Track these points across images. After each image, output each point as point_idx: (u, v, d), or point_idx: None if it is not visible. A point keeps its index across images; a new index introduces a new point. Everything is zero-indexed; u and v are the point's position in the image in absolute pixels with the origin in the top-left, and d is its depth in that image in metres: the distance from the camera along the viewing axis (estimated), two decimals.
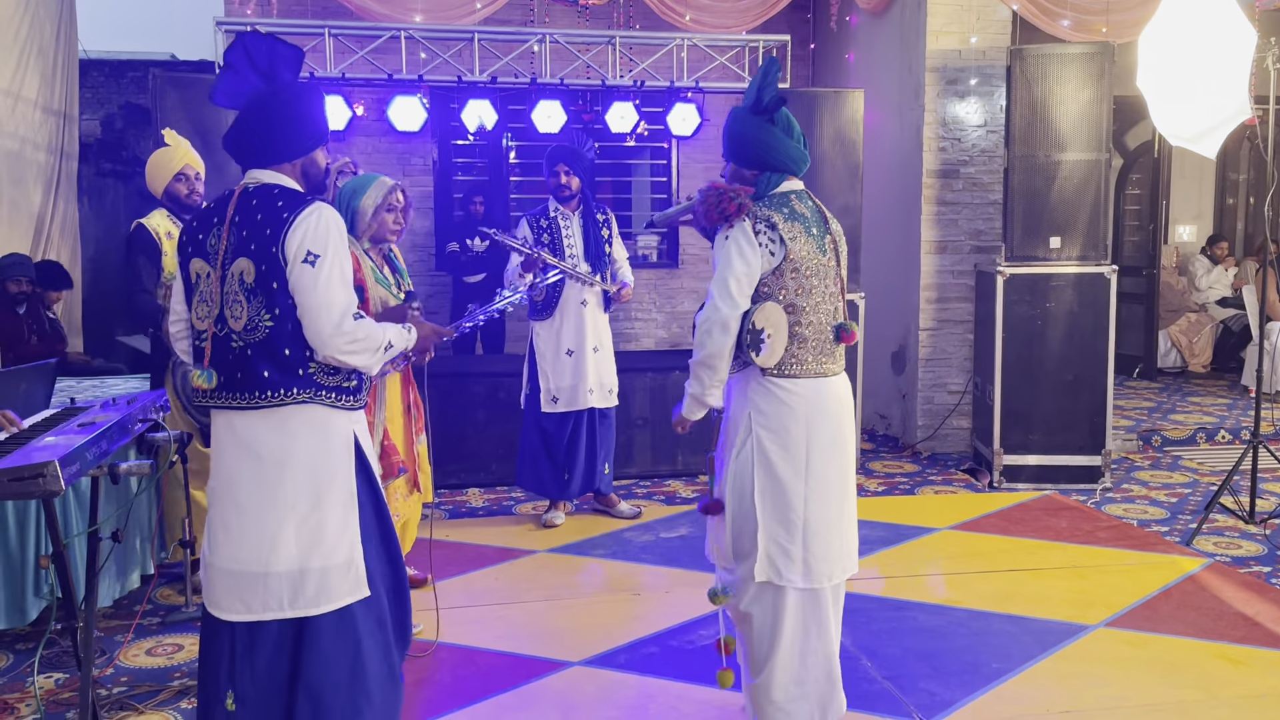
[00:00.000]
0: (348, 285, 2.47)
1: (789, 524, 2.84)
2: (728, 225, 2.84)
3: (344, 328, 2.43)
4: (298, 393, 2.47)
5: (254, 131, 2.55)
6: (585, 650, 3.79)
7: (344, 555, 2.52)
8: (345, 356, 2.46)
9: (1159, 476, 6.41)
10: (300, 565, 2.49)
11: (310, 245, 2.42)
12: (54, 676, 3.55)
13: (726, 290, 2.80)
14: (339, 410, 2.54)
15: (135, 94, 10.61)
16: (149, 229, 4.19)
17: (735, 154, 2.98)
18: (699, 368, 2.87)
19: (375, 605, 2.59)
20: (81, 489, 3.66)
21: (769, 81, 2.91)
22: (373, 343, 2.50)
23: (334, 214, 2.50)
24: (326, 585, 2.50)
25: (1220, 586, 4.43)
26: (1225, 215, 10.83)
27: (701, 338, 2.83)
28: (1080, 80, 5.96)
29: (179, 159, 4.31)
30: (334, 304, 2.42)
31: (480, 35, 6.32)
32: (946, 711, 3.31)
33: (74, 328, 7.62)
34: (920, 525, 5.32)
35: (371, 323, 2.53)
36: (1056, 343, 6.08)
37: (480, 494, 6.02)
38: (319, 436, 2.51)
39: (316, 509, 2.50)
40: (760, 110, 2.92)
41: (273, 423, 2.50)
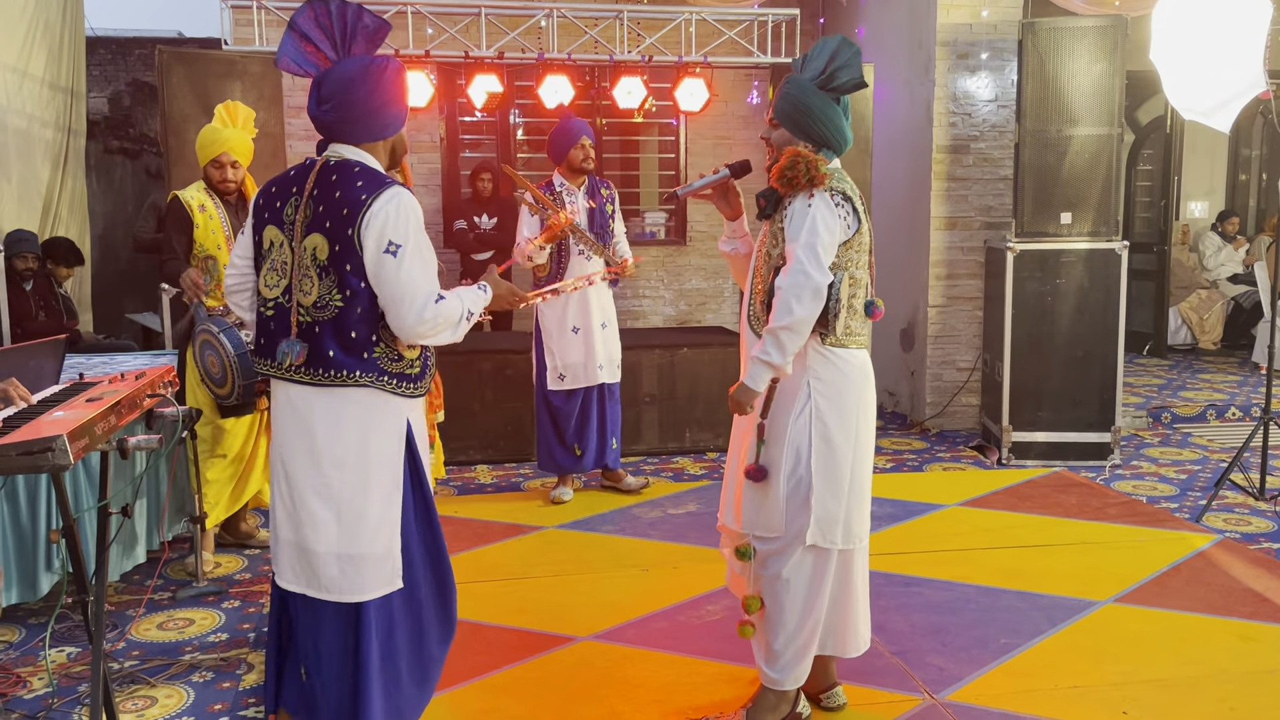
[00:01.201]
0: (429, 271, 2.47)
1: (839, 489, 2.90)
2: (808, 194, 2.83)
3: (426, 315, 2.44)
4: (360, 375, 2.47)
5: (349, 106, 2.48)
6: (593, 625, 3.80)
7: (382, 545, 2.52)
8: (429, 339, 2.50)
9: (1169, 453, 6.39)
10: (340, 549, 2.50)
11: (391, 235, 2.42)
12: (66, 650, 3.58)
13: (817, 257, 2.79)
14: (397, 397, 2.52)
15: (142, 71, 10.61)
16: (183, 202, 4.19)
17: (798, 126, 2.93)
18: (786, 334, 2.80)
19: (413, 596, 2.59)
20: (91, 464, 3.68)
21: (845, 63, 2.88)
22: (453, 318, 2.50)
23: (411, 199, 2.48)
24: (362, 574, 2.51)
25: (1230, 563, 4.42)
26: (1237, 191, 10.75)
27: (789, 303, 2.77)
28: (1092, 54, 5.90)
29: (220, 143, 4.20)
30: (417, 294, 2.43)
31: (487, 10, 6.29)
32: (954, 686, 3.31)
33: (84, 304, 7.64)
34: (929, 502, 5.32)
35: (451, 299, 2.51)
36: (1066, 319, 6.05)
37: (489, 470, 6.03)
38: (374, 421, 2.50)
39: (360, 494, 2.50)
40: (830, 88, 2.90)
41: (331, 402, 2.50)
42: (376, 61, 2.49)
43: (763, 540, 2.96)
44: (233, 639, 3.70)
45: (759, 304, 2.96)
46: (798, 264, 2.79)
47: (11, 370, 3.00)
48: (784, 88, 2.96)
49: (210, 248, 4.18)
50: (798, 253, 2.80)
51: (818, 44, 2.96)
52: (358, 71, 2.47)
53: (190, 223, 4.15)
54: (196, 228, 4.16)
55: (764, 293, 2.94)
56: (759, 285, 2.98)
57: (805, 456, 2.89)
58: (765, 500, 2.94)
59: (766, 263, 2.95)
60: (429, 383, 2.63)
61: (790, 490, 2.90)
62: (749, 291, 3.04)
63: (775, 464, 2.92)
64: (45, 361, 3.70)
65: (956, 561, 4.45)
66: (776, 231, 2.91)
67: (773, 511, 2.93)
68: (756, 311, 2.98)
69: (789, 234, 2.84)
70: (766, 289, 2.92)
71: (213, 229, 4.18)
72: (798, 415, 2.90)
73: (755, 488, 2.94)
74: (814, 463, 2.88)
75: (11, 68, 6.72)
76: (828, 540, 2.92)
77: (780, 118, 2.96)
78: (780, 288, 2.80)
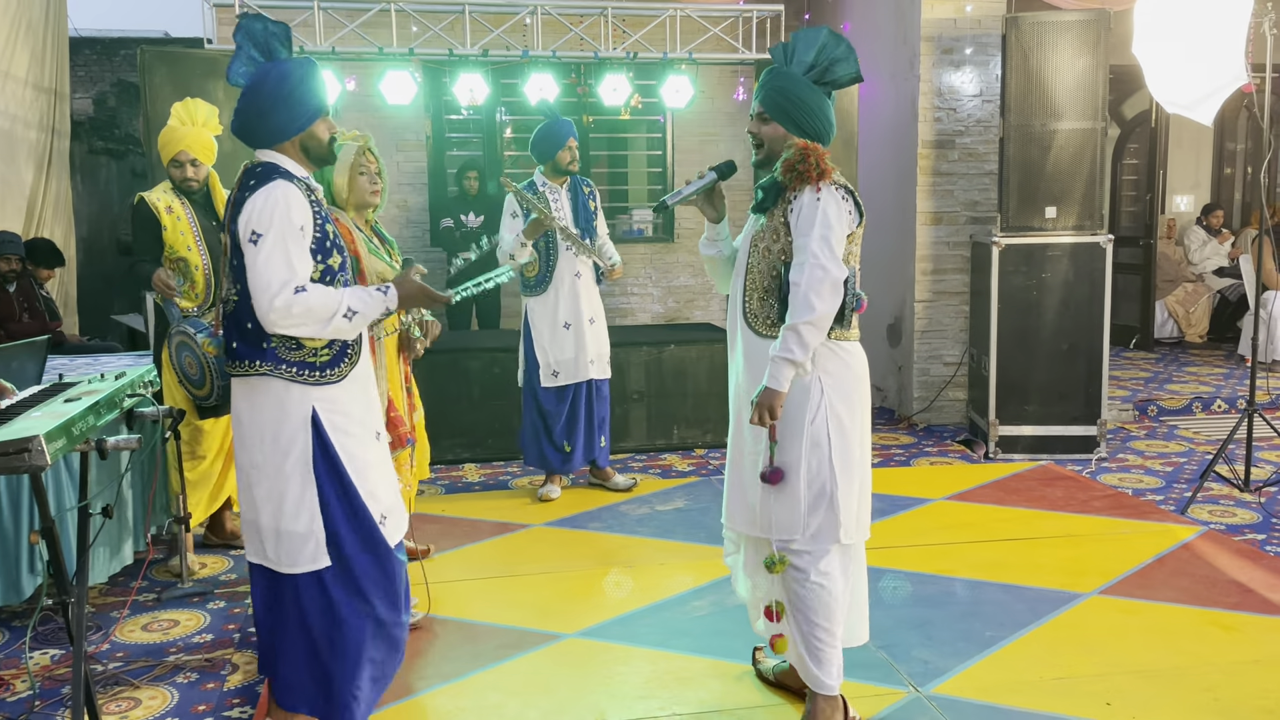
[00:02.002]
0: (292, 261, 2.51)
1: (854, 483, 2.90)
2: (816, 188, 2.78)
3: (277, 303, 2.48)
4: (260, 364, 2.59)
5: (246, 113, 2.64)
6: (579, 622, 3.80)
7: (304, 524, 2.64)
8: (288, 329, 2.53)
9: (1155, 446, 6.42)
10: (273, 524, 2.66)
11: (254, 225, 2.52)
12: (50, 652, 3.56)
13: (832, 250, 2.75)
14: (300, 384, 2.61)
15: (128, 71, 10.56)
16: (149, 203, 4.17)
17: (791, 119, 2.88)
18: (809, 329, 2.75)
19: (347, 573, 2.69)
20: (75, 464, 3.66)
21: (841, 57, 2.86)
22: (322, 312, 2.53)
23: (286, 191, 2.54)
24: (290, 549, 2.66)
25: (1214, 554, 4.44)
26: (1223, 185, 10.79)
27: (809, 299, 2.73)
28: (1076, 48, 5.91)
29: (176, 142, 4.20)
30: (271, 281, 2.49)
31: (471, 8, 6.27)
32: (939, 679, 3.32)
33: (69, 306, 7.61)
34: (916, 496, 5.33)
35: (319, 292, 2.54)
36: (1052, 313, 6.07)
37: (477, 469, 6.02)
38: (277, 408, 2.61)
39: (277, 476, 2.63)
40: (824, 81, 2.87)
41: (245, 389, 2.66)
42: (260, 69, 2.61)
43: (785, 544, 2.90)
44: (218, 639, 3.69)
45: (756, 301, 2.91)
46: (814, 259, 2.74)
47: None
48: (773, 81, 2.90)
49: (180, 249, 4.15)
50: (811, 247, 2.75)
51: (801, 35, 2.90)
52: (248, 82, 2.62)
53: (157, 224, 4.13)
54: (164, 229, 4.13)
55: (763, 290, 2.89)
56: (757, 282, 2.91)
57: (826, 454, 2.85)
58: (786, 502, 2.88)
59: (765, 259, 2.88)
60: (349, 371, 2.67)
61: (815, 491, 2.86)
62: (742, 290, 2.96)
63: (793, 465, 2.86)
64: (27, 363, 3.70)
65: (942, 555, 4.46)
66: (777, 227, 2.86)
67: (795, 513, 2.87)
68: (754, 309, 2.92)
69: (798, 228, 2.79)
70: (766, 286, 2.88)
71: (181, 230, 4.16)
72: (814, 413, 2.85)
73: (773, 490, 2.88)
74: (835, 460, 2.85)
75: None
76: (849, 537, 2.91)
77: (772, 111, 2.90)
78: (797, 283, 2.74)
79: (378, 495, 2.73)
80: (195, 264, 4.17)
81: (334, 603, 2.69)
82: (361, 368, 2.74)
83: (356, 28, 6.13)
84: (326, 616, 2.70)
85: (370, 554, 2.72)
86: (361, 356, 2.73)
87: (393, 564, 2.76)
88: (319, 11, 5.99)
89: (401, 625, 2.83)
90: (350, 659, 2.71)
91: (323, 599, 2.68)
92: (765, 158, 2.95)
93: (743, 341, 2.96)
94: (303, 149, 2.67)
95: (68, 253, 7.59)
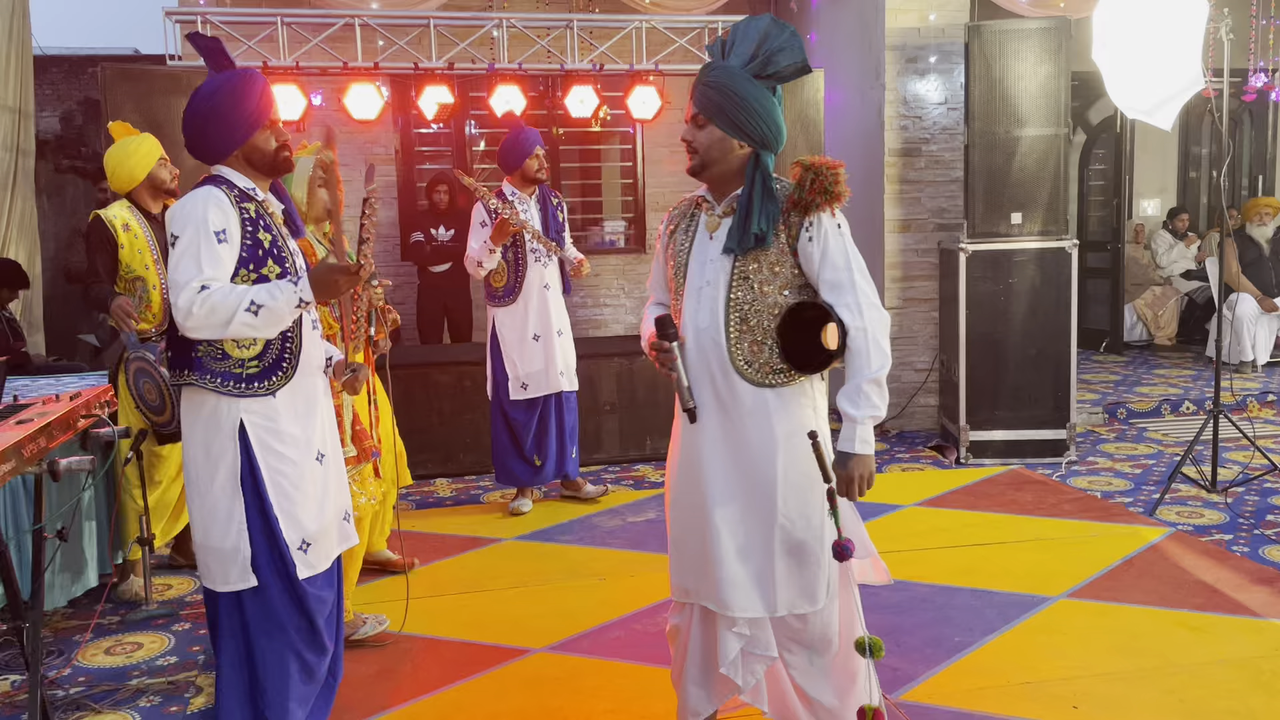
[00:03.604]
0: (201, 262, 2.47)
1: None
2: (831, 212, 2.46)
3: (180, 303, 2.44)
4: (189, 374, 2.57)
5: (187, 129, 2.64)
6: (549, 636, 3.78)
7: (230, 541, 2.59)
8: (197, 330, 2.47)
9: (1124, 448, 6.46)
10: (202, 539, 2.63)
11: (172, 228, 2.53)
12: (10, 678, 3.50)
13: (872, 286, 2.47)
14: (228, 396, 2.56)
15: (94, 89, 10.47)
16: (105, 220, 4.11)
17: (732, 122, 2.45)
18: (884, 378, 2.43)
19: (262, 598, 2.63)
20: (30, 487, 3.61)
21: (783, 45, 2.45)
22: (224, 311, 2.44)
23: (207, 195, 2.53)
24: (218, 566, 2.61)
25: (1181, 555, 4.46)
26: (1188, 188, 10.91)
27: (880, 343, 2.42)
28: (1038, 56, 5.97)
29: (156, 146, 4.18)
30: (178, 281, 2.46)
31: (437, 21, 6.26)
32: (908, 686, 3.32)
33: (35, 326, 7.51)
34: (886, 503, 5.34)
35: (223, 290, 2.47)
36: (1020, 318, 6.11)
37: (448, 484, 5.99)
38: (210, 420, 2.58)
39: (209, 490, 2.59)
40: (766, 75, 2.46)
41: (184, 400, 2.63)
42: (197, 89, 2.62)
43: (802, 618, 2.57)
44: (182, 661, 3.64)
45: (749, 345, 2.48)
46: (866, 298, 2.43)
47: None
48: (709, 77, 2.47)
49: (138, 268, 4.10)
50: (859, 285, 2.43)
51: (740, 25, 2.50)
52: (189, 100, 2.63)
53: (114, 243, 4.07)
54: (121, 248, 4.08)
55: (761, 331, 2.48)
56: (750, 323, 2.49)
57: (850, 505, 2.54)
58: (807, 567, 2.53)
59: (762, 296, 2.48)
60: (280, 385, 2.61)
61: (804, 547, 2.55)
62: (723, 331, 2.50)
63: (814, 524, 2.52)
64: None
65: (912, 561, 4.46)
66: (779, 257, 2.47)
67: (819, 575, 2.54)
68: (746, 354, 2.49)
69: (825, 260, 2.44)
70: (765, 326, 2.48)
71: (139, 248, 4.11)
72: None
73: (798, 558, 2.52)
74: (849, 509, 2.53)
75: None
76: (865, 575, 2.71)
77: (710, 113, 2.46)
78: (860, 329, 2.40)
79: (300, 520, 2.64)
80: (153, 283, 4.11)
81: (249, 627, 2.63)
82: (301, 383, 2.68)
83: (321, 42, 6.10)
84: (242, 641, 2.65)
85: (283, 581, 2.64)
86: (299, 371, 2.66)
87: (302, 595, 2.67)
88: (283, 26, 5.96)
89: (317, 662, 2.74)
90: (271, 688, 2.64)
91: (240, 621, 2.64)
92: (699, 167, 2.53)
93: (729, 394, 2.51)
94: (248, 161, 2.64)
95: (33, 272, 7.50)
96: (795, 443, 2.48)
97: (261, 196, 2.67)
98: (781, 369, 2.48)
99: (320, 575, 2.73)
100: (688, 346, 2.56)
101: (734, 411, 2.51)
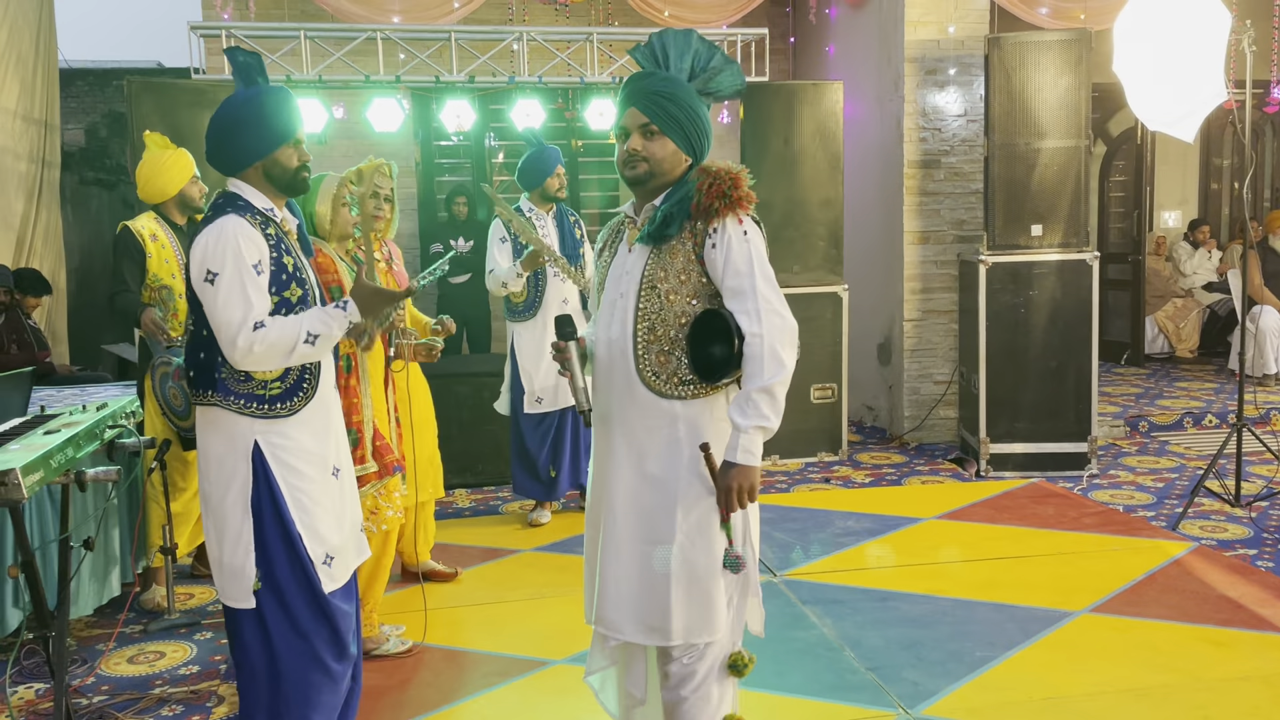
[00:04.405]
0: (249, 297, 2.48)
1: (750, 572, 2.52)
2: (737, 219, 2.39)
3: (239, 343, 2.45)
4: (211, 395, 2.56)
5: (212, 138, 2.64)
6: (568, 648, 3.78)
7: (240, 560, 2.59)
8: (255, 365, 2.49)
9: (1146, 462, 6.42)
10: (216, 555, 2.64)
11: (209, 264, 2.48)
12: (35, 686, 3.53)
13: (778, 294, 2.38)
14: (247, 417, 2.56)
15: (118, 102, 10.59)
16: (133, 231, 4.17)
17: (685, 134, 2.43)
18: (781, 389, 2.33)
19: (286, 611, 2.64)
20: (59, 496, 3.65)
21: (723, 66, 2.46)
22: (283, 345, 2.48)
23: (237, 226, 2.51)
24: (232, 583, 2.61)
25: (1205, 570, 4.43)
26: (1210, 200, 10.84)
27: (778, 353, 2.33)
28: (1059, 67, 5.96)
29: (190, 163, 4.25)
30: (232, 320, 2.46)
31: (458, 35, 6.31)
32: (929, 701, 3.30)
33: (59, 336, 7.60)
34: (907, 515, 5.32)
35: (278, 325, 2.50)
36: (1040, 330, 6.08)
37: (467, 494, 6.00)
38: (225, 439, 2.58)
39: (220, 508, 2.60)
40: (707, 92, 2.48)
41: (201, 418, 2.63)
42: (230, 96, 2.64)
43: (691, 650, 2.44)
44: (204, 671, 3.66)
45: (656, 355, 2.41)
46: (767, 304, 2.34)
47: None
48: (660, 88, 2.42)
49: (164, 277, 4.17)
50: (761, 291, 2.35)
51: (670, 36, 2.47)
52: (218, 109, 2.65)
53: (143, 252, 4.14)
54: (149, 257, 4.14)
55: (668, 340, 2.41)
56: (657, 332, 2.42)
57: (745, 523, 2.45)
58: (707, 592, 2.41)
59: (668, 305, 2.41)
60: (302, 406, 2.62)
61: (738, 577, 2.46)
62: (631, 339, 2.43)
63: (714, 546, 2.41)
64: (12, 395, 3.68)
65: (933, 575, 4.44)
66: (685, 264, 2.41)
67: (717, 604, 2.42)
68: (653, 364, 2.41)
69: (729, 267, 2.36)
70: (672, 336, 2.41)
71: (165, 258, 4.17)
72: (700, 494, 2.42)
73: (697, 580, 2.41)
74: (751, 530, 2.46)
75: None
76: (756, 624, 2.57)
77: (664, 124, 2.41)
78: (758, 335, 2.32)
79: (322, 535, 2.66)
80: (179, 292, 4.17)
81: (272, 641, 2.64)
82: (321, 401, 2.69)
83: (343, 56, 6.16)
84: (266, 655, 2.66)
85: (308, 594, 2.66)
86: (319, 390, 2.67)
87: (329, 607, 2.69)
88: (305, 40, 6.02)
89: (343, 672, 2.77)
90: (294, 700, 2.66)
91: (262, 636, 2.64)
92: (648, 178, 2.45)
93: (631, 403, 2.44)
94: (267, 176, 2.64)
95: (58, 283, 7.59)
96: (700, 457, 2.40)
97: (279, 216, 2.68)
98: (691, 380, 2.40)
99: (341, 588, 2.75)
100: (599, 359, 2.52)
101: (640, 424, 2.44)
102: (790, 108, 6.40)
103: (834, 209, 6.55)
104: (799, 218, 6.47)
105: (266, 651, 2.65)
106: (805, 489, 5.96)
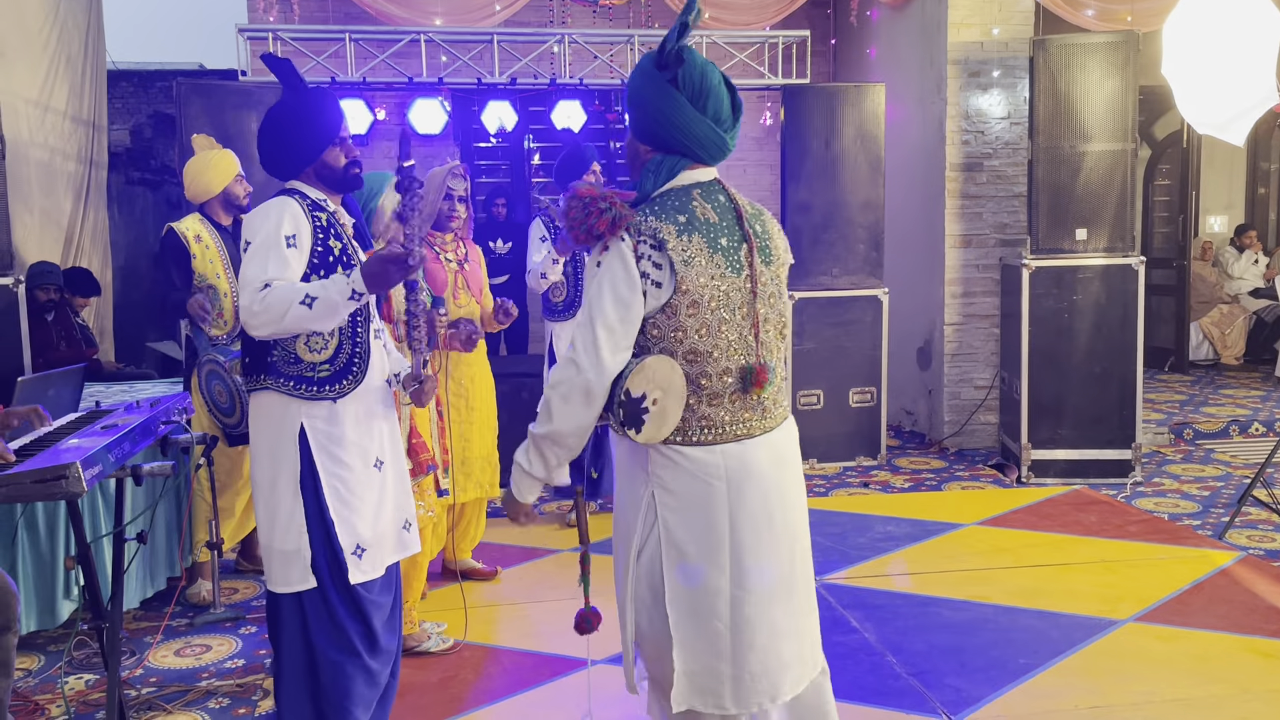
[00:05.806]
0: (268, 264, 2.52)
1: (713, 635, 2.19)
2: (601, 247, 2.12)
3: (243, 302, 2.50)
4: (264, 378, 2.64)
5: (262, 149, 2.74)
6: (606, 648, 3.78)
7: (292, 543, 2.64)
8: (259, 328, 2.50)
9: (1191, 470, 6.33)
10: (266, 540, 2.68)
11: (247, 234, 2.60)
12: (85, 677, 3.60)
13: (594, 343, 2.07)
14: (296, 399, 2.63)
15: (163, 103, 10.76)
16: (179, 233, 4.24)
17: (634, 122, 2.24)
18: (544, 443, 2.15)
19: (324, 599, 2.68)
20: (110, 491, 3.71)
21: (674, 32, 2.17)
22: (280, 306, 2.45)
23: (282, 203, 2.60)
24: (280, 567, 2.66)
25: (1253, 580, 4.36)
26: (1257, 205, 10.68)
27: (552, 405, 2.11)
28: (1104, 70, 5.89)
29: (234, 162, 4.33)
30: (248, 283, 2.51)
31: (500, 37, 6.35)
32: (973, 708, 3.28)
33: (105, 334, 7.72)
34: (947, 521, 5.28)
35: (282, 287, 2.49)
36: (1084, 336, 6.01)
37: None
38: (276, 423, 2.64)
39: (272, 492, 2.65)
40: (662, 65, 2.18)
41: (254, 407, 2.69)
42: (271, 108, 2.71)
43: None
44: (249, 665, 3.71)
45: None
46: (573, 349, 2.10)
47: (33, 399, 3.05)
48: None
49: (210, 277, 4.22)
50: (579, 333, 2.10)
51: None
52: (262, 120, 2.73)
53: (187, 254, 4.20)
54: (194, 258, 4.20)
55: None
56: None
57: (660, 594, 2.21)
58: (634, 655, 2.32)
59: None
60: (350, 389, 2.66)
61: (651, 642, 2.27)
62: None
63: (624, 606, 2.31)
64: (64, 390, 3.75)
65: (975, 581, 4.41)
66: None
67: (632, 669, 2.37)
68: None
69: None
70: None
71: (210, 258, 4.23)
72: (644, 541, 2.23)
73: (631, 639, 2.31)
74: (670, 604, 2.20)
75: (34, 102, 6.83)
76: (709, 705, 2.21)
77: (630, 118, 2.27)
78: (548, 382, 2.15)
79: (355, 526, 2.69)
80: (224, 291, 4.22)
81: (310, 630, 2.68)
82: (367, 390, 2.72)
83: (387, 58, 6.22)
84: (301, 644, 2.69)
85: (339, 584, 2.70)
86: (368, 377, 2.71)
87: (358, 600, 2.72)
88: (350, 43, 6.09)
89: (381, 668, 2.79)
90: (332, 689, 2.69)
91: (301, 625, 2.68)
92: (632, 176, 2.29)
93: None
94: (319, 177, 2.72)
95: (104, 281, 7.71)
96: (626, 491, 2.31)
97: (333, 208, 2.75)
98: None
99: (376, 581, 2.77)
100: None
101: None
102: (831, 110, 6.38)
103: (875, 212, 6.52)
104: (839, 220, 6.44)
105: (304, 641, 2.69)
106: (843, 493, 5.93)
